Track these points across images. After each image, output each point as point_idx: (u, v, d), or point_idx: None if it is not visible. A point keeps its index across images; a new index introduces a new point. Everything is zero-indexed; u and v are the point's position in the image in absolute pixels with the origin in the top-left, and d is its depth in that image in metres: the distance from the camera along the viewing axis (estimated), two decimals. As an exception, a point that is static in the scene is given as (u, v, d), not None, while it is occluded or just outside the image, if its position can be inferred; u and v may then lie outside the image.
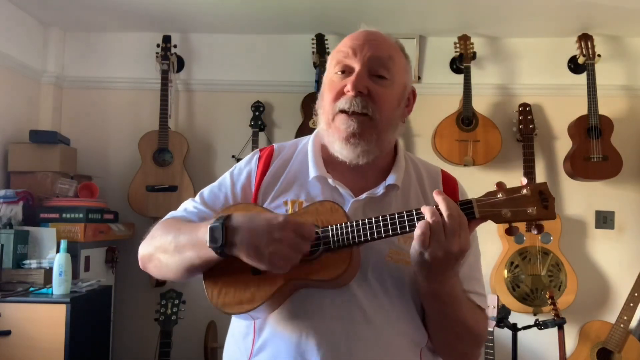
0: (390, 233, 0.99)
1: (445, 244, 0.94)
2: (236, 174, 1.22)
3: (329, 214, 1.04)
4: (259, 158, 1.22)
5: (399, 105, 1.16)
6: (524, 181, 0.99)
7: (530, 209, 0.96)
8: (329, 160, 1.17)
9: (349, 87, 1.09)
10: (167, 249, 1.09)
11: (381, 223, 1.00)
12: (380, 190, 1.13)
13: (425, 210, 0.96)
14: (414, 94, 1.21)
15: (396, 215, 0.99)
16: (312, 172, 1.16)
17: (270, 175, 1.18)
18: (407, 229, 0.99)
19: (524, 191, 0.97)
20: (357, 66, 1.11)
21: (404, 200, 1.15)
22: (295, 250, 0.96)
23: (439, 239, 0.94)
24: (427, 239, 0.94)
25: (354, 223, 1.01)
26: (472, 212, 0.98)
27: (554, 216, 0.96)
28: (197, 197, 1.23)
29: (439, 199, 0.97)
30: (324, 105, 1.14)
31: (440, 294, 1.03)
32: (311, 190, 1.15)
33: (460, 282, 1.07)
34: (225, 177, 1.23)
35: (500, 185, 0.99)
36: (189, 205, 1.21)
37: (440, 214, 0.95)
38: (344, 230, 1.01)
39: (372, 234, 0.99)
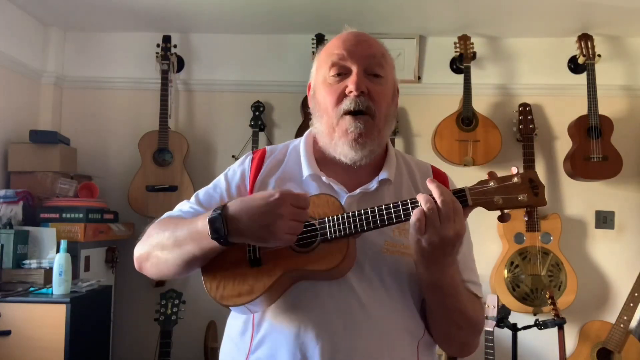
0: (386, 222, 1.02)
1: (441, 230, 0.96)
2: (230, 175, 1.24)
3: (326, 206, 1.07)
4: (252, 159, 1.24)
5: (393, 101, 1.20)
6: (514, 170, 1.01)
7: (521, 195, 0.99)
8: (321, 160, 1.20)
9: (351, 87, 1.11)
10: (165, 245, 1.10)
11: (377, 213, 1.02)
12: (373, 185, 1.16)
13: (420, 198, 0.98)
14: (398, 89, 1.24)
15: (391, 205, 1.02)
16: (306, 171, 1.18)
17: (263, 175, 1.21)
18: (402, 218, 1.01)
19: (515, 179, 1.00)
20: (354, 67, 1.13)
21: (396, 194, 1.18)
22: (297, 220, 1.00)
23: (434, 224, 0.96)
24: (423, 225, 0.96)
25: (350, 214, 1.03)
26: (465, 200, 1.01)
27: (544, 202, 1.00)
28: (193, 199, 1.24)
29: (432, 186, 0.99)
30: (326, 110, 1.16)
31: (442, 285, 1.04)
32: (305, 189, 1.17)
33: (460, 273, 1.09)
34: (220, 178, 1.25)
35: (491, 174, 1.02)
36: (185, 206, 1.23)
37: (435, 201, 0.97)
38: (341, 221, 1.03)
39: (368, 223, 1.02)
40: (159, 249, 1.11)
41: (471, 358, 3.29)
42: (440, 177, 1.25)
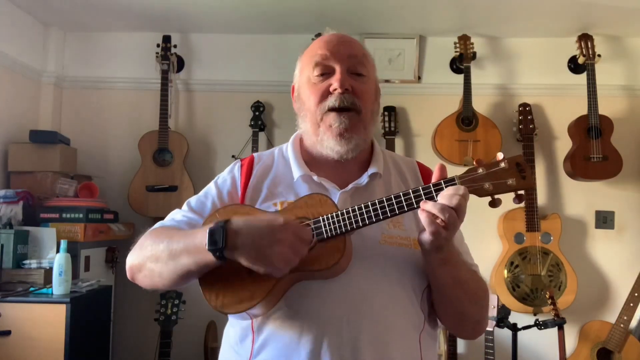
0: (381, 217, 1.03)
1: (459, 222, 1.00)
2: (221, 183, 1.25)
3: (319, 205, 1.07)
4: (241, 167, 1.25)
5: (376, 100, 1.23)
6: (500, 156, 1.03)
7: (510, 180, 1.01)
8: (310, 161, 1.22)
9: (336, 85, 1.14)
10: (159, 257, 1.08)
11: (370, 209, 1.03)
12: (364, 179, 1.18)
13: (435, 210, 0.98)
14: (379, 89, 1.27)
15: (384, 199, 1.04)
16: (296, 173, 1.19)
17: (254, 182, 1.21)
18: (397, 212, 1.03)
19: (502, 164, 1.02)
20: (337, 66, 1.17)
21: (386, 187, 1.21)
22: (294, 252, 0.98)
23: (456, 224, 0.99)
24: (442, 233, 0.98)
25: (344, 211, 1.04)
26: None
27: (533, 184, 1.02)
28: (185, 206, 1.24)
29: (442, 197, 0.99)
30: (310, 108, 1.18)
31: (450, 259, 1.07)
32: (298, 190, 1.18)
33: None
34: (210, 186, 1.26)
35: (479, 161, 1.04)
36: (177, 215, 1.22)
37: (451, 207, 0.98)
38: (335, 220, 1.04)
39: (362, 220, 1.03)
40: (152, 261, 1.10)
41: (471, 358, 3.29)
42: (426, 171, 1.28)
